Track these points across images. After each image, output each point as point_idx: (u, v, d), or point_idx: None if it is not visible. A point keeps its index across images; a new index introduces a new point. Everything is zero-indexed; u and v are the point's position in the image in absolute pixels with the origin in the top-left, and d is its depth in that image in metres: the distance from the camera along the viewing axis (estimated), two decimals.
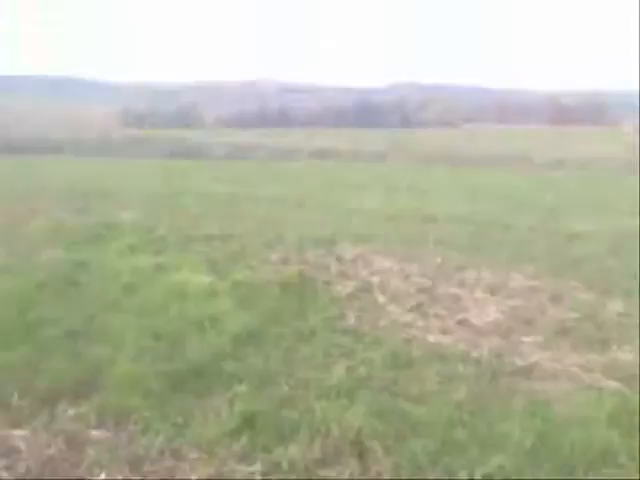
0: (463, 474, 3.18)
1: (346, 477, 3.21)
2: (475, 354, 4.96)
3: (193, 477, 3.17)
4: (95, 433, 3.56)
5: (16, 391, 3.99)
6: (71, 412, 3.77)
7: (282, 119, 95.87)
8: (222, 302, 5.88)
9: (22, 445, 3.42)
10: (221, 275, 7.01)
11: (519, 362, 4.87)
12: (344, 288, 6.92)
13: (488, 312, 6.10)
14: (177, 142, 48.35)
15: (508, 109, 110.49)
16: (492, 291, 6.86)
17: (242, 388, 4.13)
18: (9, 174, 21.72)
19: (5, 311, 5.51)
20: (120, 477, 3.14)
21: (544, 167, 35.85)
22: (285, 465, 3.27)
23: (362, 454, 3.41)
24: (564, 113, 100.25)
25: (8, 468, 3.21)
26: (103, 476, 3.14)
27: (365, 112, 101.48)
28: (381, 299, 6.57)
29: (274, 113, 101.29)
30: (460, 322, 5.83)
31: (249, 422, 3.65)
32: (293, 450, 3.40)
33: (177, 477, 3.18)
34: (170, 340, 4.88)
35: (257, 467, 3.24)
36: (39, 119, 74.93)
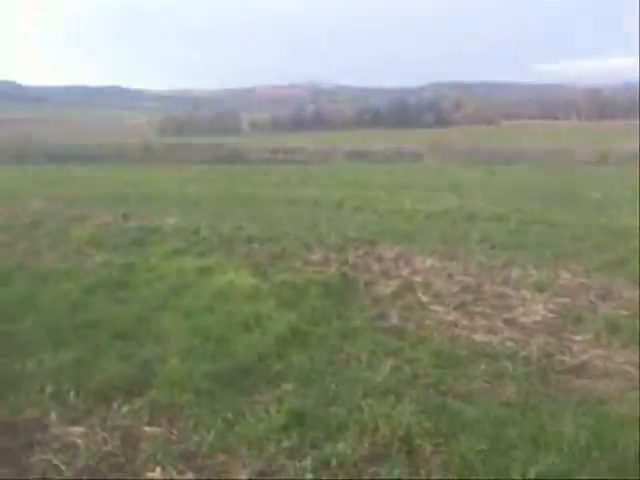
0: (516, 474, 3.12)
1: (395, 476, 3.18)
2: (524, 353, 4.87)
3: (245, 472, 3.21)
4: (149, 429, 3.65)
5: (71, 390, 4.11)
6: (125, 409, 3.87)
7: (318, 122, 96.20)
8: (266, 303, 5.92)
9: (80, 442, 3.52)
10: (264, 276, 7.08)
11: (570, 360, 4.76)
12: (386, 288, 6.89)
13: (536, 310, 5.98)
14: (215, 148, 49.04)
15: (548, 104, 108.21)
16: (539, 289, 6.72)
17: (289, 386, 4.17)
18: (54, 181, 22.44)
19: (58, 314, 5.71)
20: (175, 472, 3.20)
21: (587, 162, 34.96)
22: (334, 462, 3.28)
23: (411, 452, 3.39)
24: (605, 107, 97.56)
25: (67, 464, 3.31)
26: (158, 471, 3.21)
27: (401, 112, 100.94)
28: (425, 298, 6.51)
29: (310, 116, 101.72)
30: (507, 321, 5.73)
31: (298, 419, 3.68)
32: (342, 447, 3.40)
33: (230, 472, 3.23)
34: (217, 340, 4.96)
35: (307, 463, 3.25)
36: (82, 127, 77.22)
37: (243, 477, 3.18)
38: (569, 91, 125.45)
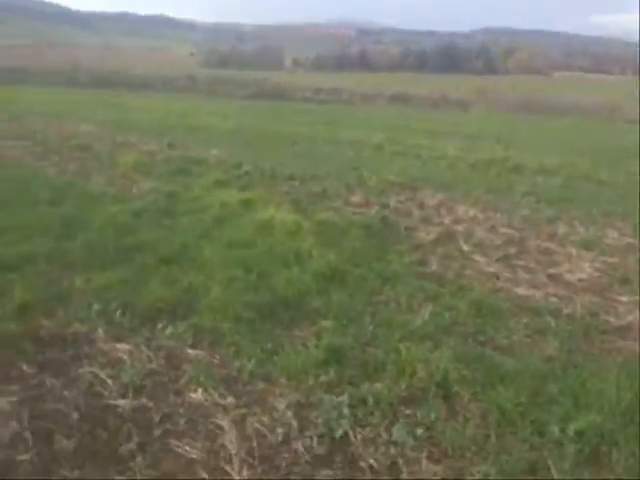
0: (554, 428, 3.10)
1: (432, 419, 3.19)
2: (568, 310, 4.77)
3: (283, 401, 3.27)
4: (192, 352, 3.74)
5: (118, 308, 4.22)
6: (169, 331, 3.97)
7: (362, 63, 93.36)
8: (307, 240, 5.91)
9: (125, 357, 3.64)
10: (305, 214, 7.06)
11: (615, 321, 4.65)
12: (427, 234, 6.80)
13: (582, 268, 5.83)
14: (259, 83, 48.20)
15: (602, 58, 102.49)
16: (586, 247, 6.54)
17: (328, 323, 4.19)
18: (102, 106, 22.52)
19: (105, 235, 5.82)
20: (216, 395, 3.29)
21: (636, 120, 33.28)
22: (371, 400, 3.31)
23: (448, 398, 3.39)
24: None
25: (113, 377, 3.43)
26: (200, 392, 3.31)
27: (449, 56, 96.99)
28: (466, 248, 6.41)
29: (354, 56, 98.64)
30: (551, 276, 5.60)
31: (336, 356, 3.71)
32: (379, 387, 3.43)
33: (268, 400, 3.30)
34: (259, 272, 4.99)
35: (344, 399, 3.29)
36: (130, 56, 76.86)
37: (281, 406, 3.24)
38: (621, 44, 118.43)
